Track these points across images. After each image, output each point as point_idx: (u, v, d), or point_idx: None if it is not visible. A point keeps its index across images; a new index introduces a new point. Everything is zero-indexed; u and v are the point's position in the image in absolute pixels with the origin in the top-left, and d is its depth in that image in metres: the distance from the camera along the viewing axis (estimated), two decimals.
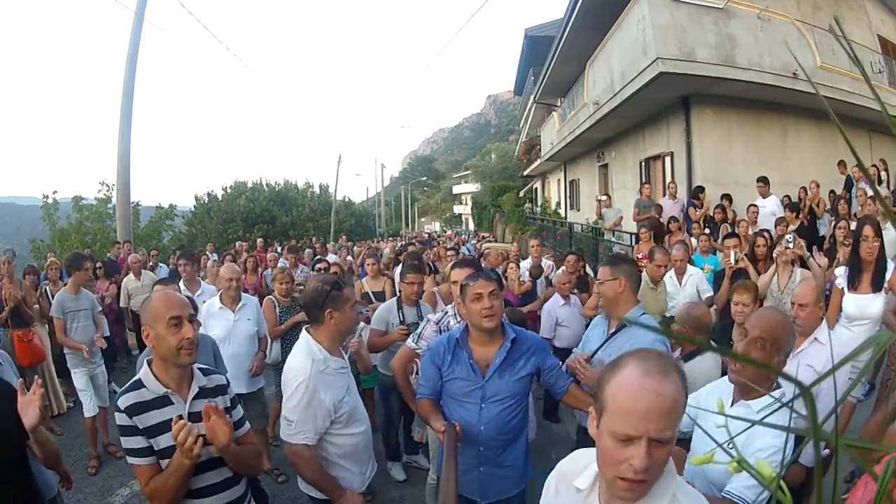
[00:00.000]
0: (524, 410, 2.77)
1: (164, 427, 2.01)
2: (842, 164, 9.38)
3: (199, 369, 2.24)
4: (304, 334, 2.66)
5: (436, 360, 2.77)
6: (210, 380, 2.24)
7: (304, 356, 2.54)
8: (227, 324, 4.64)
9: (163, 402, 2.07)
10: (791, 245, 4.86)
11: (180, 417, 2.00)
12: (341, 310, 2.64)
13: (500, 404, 2.64)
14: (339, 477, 2.58)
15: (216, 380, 2.28)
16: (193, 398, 2.13)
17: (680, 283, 5.67)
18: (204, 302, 4.95)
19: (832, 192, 9.07)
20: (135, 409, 2.02)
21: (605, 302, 3.07)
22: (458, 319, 3.47)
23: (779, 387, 2.12)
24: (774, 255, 4.91)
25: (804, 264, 5.05)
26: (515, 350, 2.68)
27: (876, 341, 0.44)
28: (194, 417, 2.07)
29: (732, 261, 5.30)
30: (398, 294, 4.92)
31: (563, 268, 6.41)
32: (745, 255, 5.39)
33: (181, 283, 5.51)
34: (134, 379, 2.12)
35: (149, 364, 2.13)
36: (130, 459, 2.03)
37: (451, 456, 2.35)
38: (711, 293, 5.54)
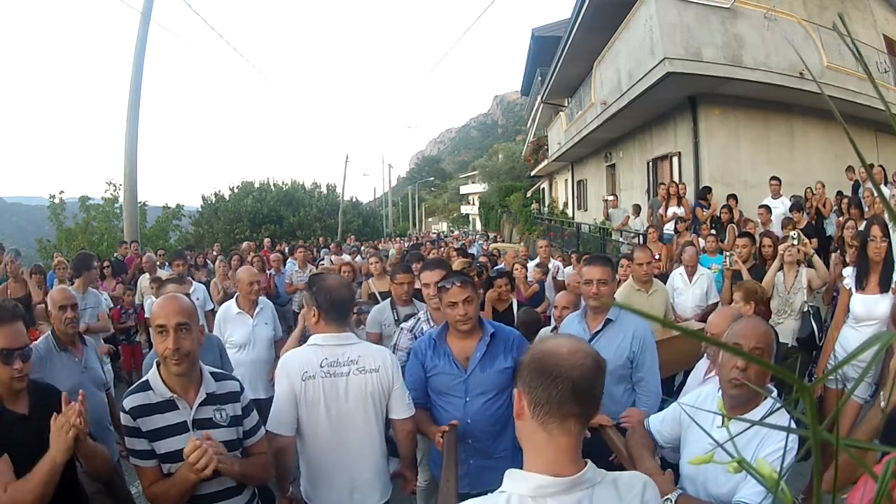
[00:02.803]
0: (510, 401, 2.77)
1: (167, 432, 1.98)
2: (850, 169, 9.19)
3: (212, 374, 2.17)
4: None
5: (419, 356, 2.88)
6: (221, 385, 2.15)
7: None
8: (245, 329, 4.52)
9: (168, 406, 2.01)
10: (796, 242, 4.86)
11: (185, 424, 1.99)
12: None
13: (484, 397, 2.72)
14: None
15: (228, 386, 2.18)
16: (200, 404, 2.06)
17: (690, 281, 5.73)
18: (197, 299, 4.93)
19: (839, 192, 9.00)
20: (139, 412, 1.98)
21: (599, 303, 3.04)
22: (432, 324, 3.47)
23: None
24: (780, 250, 4.92)
25: (811, 263, 5.04)
26: (495, 344, 2.77)
27: (877, 341, 0.44)
28: (199, 424, 2.02)
29: (728, 263, 5.36)
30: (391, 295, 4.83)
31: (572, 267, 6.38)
32: (753, 255, 5.39)
33: None
34: (142, 380, 2.08)
35: (157, 366, 2.07)
36: (133, 460, 2.00)
37: (451, 457, 2.35)
38: (718, 300, 5.56)
